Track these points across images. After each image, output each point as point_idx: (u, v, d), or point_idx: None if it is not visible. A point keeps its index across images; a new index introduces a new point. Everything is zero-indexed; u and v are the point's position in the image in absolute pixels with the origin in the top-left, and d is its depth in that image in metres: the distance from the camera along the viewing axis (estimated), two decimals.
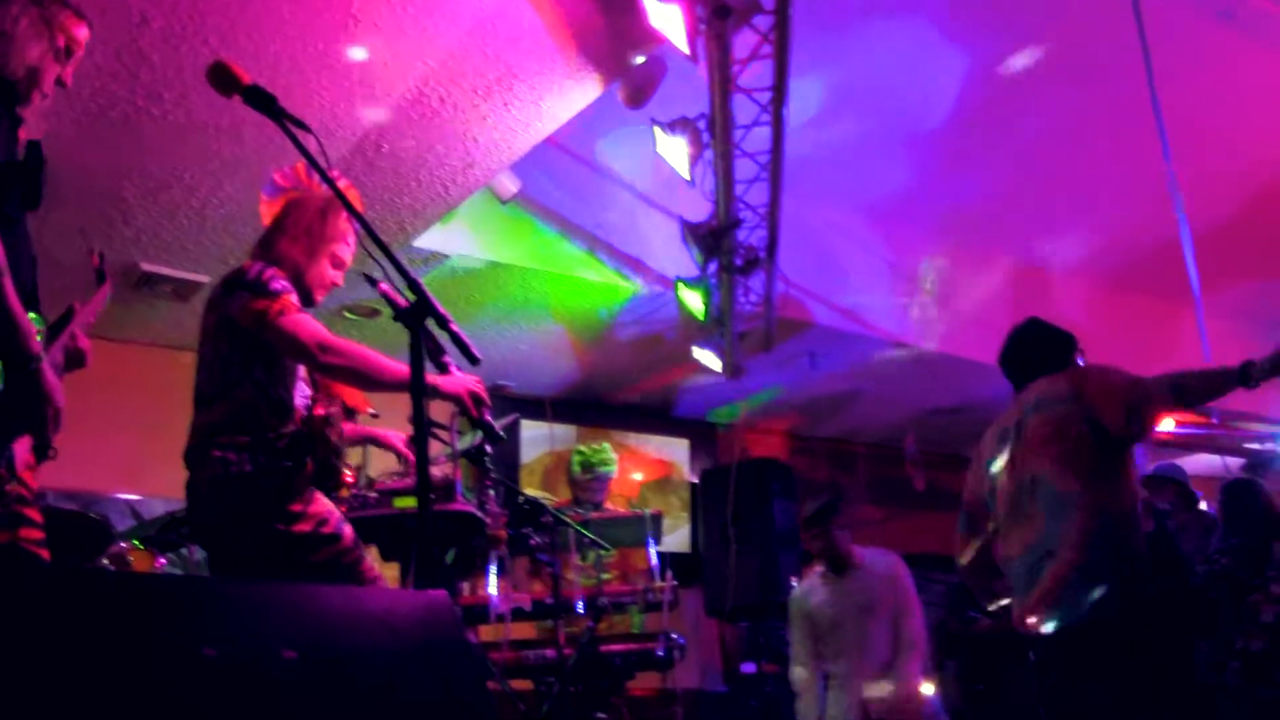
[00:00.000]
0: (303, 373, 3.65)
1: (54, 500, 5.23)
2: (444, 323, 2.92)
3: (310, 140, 2.91)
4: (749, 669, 8.87)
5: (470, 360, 3.01)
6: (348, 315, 7.59)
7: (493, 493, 5.35)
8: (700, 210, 6.88)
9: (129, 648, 1.85)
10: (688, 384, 9.65)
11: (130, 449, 7.02)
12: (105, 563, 5.15)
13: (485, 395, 3.59)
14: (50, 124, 3.17)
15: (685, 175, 6.36)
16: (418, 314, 2.89)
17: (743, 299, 7.63)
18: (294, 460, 3.45)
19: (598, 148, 7.48)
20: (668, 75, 6.12)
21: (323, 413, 3.49)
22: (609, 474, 7.12)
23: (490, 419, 3.66)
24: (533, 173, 6.93)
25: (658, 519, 6.38)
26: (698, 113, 6.08)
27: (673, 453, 10.66)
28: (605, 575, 6.37)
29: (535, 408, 9.47)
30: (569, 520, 5.59)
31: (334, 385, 3.71)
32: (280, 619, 2.07)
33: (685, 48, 5.17)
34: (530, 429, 9.58)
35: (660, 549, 6.60)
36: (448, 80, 5.47)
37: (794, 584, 7.76)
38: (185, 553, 5.52)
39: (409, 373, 3.34)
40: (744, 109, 6.11)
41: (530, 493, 6.68)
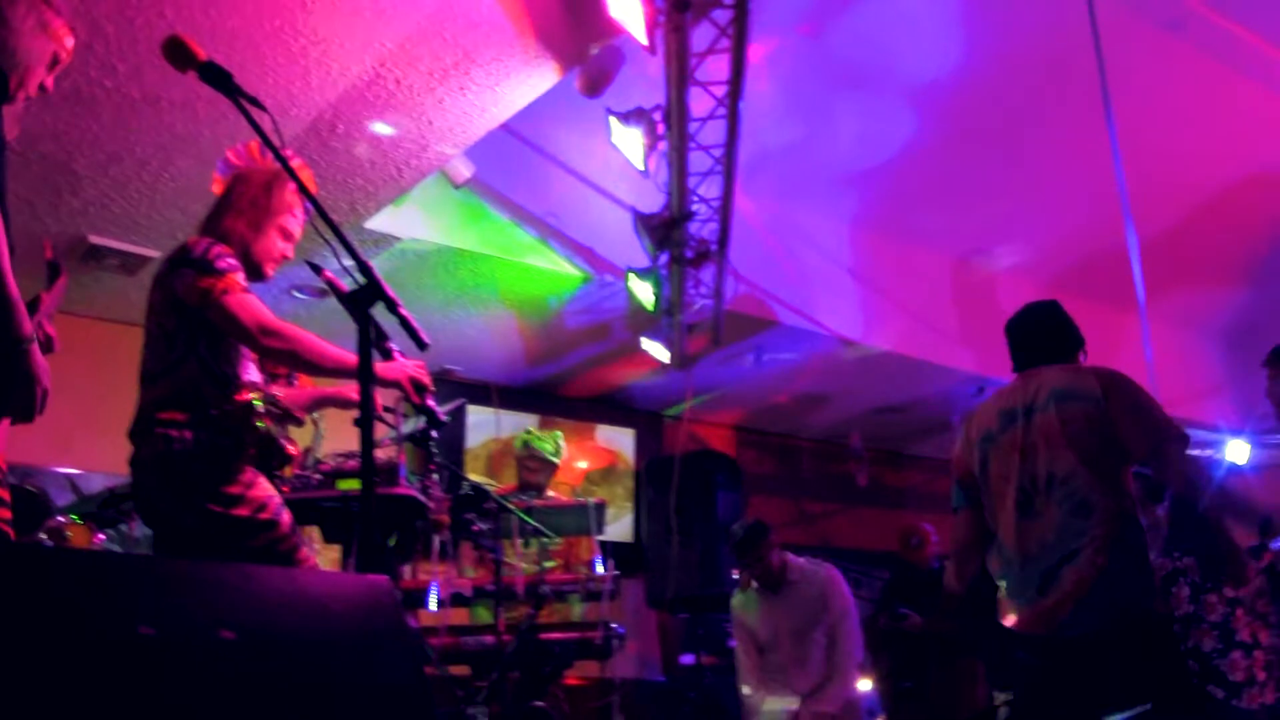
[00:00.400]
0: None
1: None
2: (393, 306, 2.92)
3: (265, 118, 2.90)
4: (688, 660, 8.91)
5: (418, 345, 3.00)
6: (296, 295, 7.55)
7: (436, 477, 5.34)
8: (653, 201, 6.89)
9: (65, 624, 1.83)
10: (635, 374, 9.66)
11: (71, 422, 6.93)
12: (42, 537, 5.11)
13: (428, 380, 3.59)
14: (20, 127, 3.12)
15: (639, 166, 6.37)
16: (366, 297, 2.88)
17: (693, 291, 7.64)
18: (233, 439, 3.43)
19: (552, 136, 7.48)
20: (625, 66, 6.13)
21: (246, 399, 3.46)
22: (545, 457, 7.09)
23: (433, 404, 3.65)
24: (487, 158, 6.91)
25: (601, 508, 6.38)
26: (654, 104, 6.09)
27: (618, 442, 10.68)
28: (549, 563, 6.38)
29: (481, 393, 9.45)
30: (512, 507, 5.59)
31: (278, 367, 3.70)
32: (220, 599, 2.06)
33: (644, 39, 5.17)
34: (476, 414, 9.57)
35: (603, 538, 6.62)
36: (404, 63, 5.45)
37: (734, 577, 7.82)
38: (124, 528, 5.49)
39: (349, 360, 3.35)
40: (700, 102, 6.12)
41: (474, 479, 6.66)
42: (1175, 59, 7.79)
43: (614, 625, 5.81)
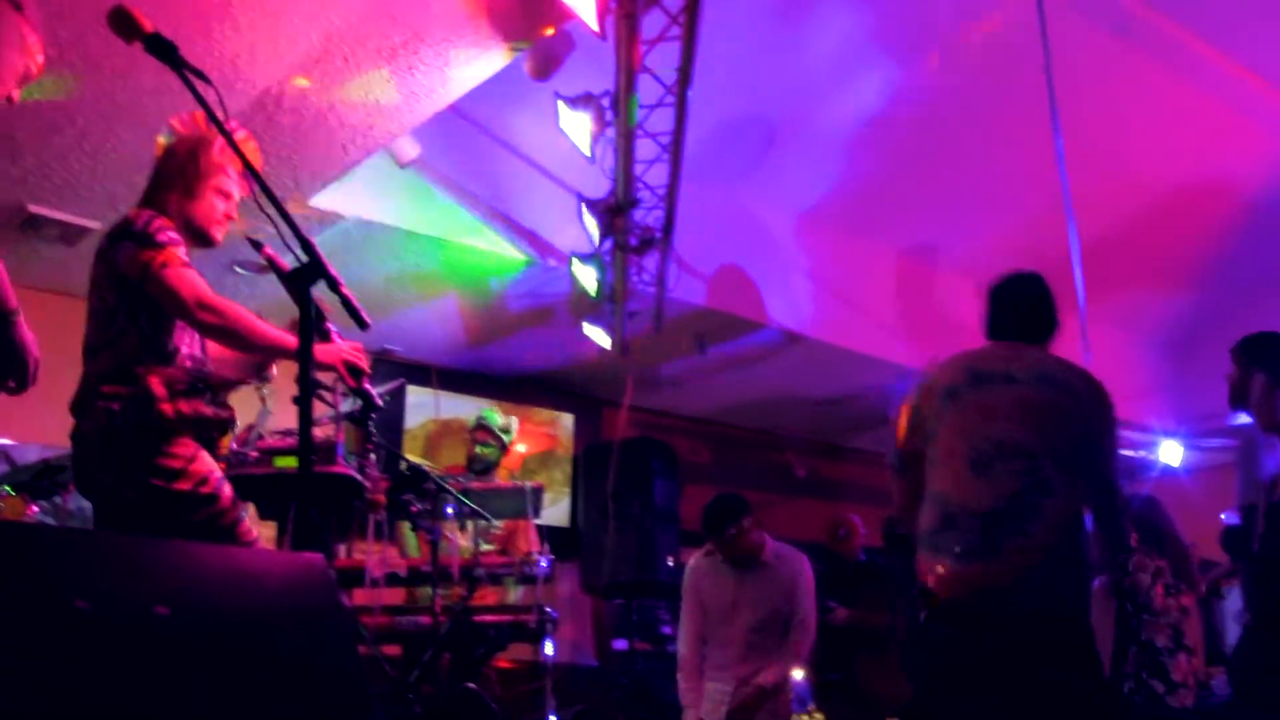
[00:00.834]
0: None
1: None
2: (335, 285, 2.91)
3: (209, 92, 2.88)
4: (621, 646, 8.93)
5: (359, 325, 3.00)
6: (237, 270, 7.49)
7: (374, 457, 5.33)
8: (599, 187, 6.89)
9: None
10: (576, 359, 9.66)
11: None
12: None
13: (365, 364, 3.57)
14: None
15: (586, 151, 6.37)
16: (308, 276, 2.87)
17: (636, 278, 7.65)
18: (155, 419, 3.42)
19: (500, 118, 7.46)
20: (575, 51, 6.13)
21: (158, 382, 3.44)
22: (495, 430, 7.09)
23: (369, 387, 3.64)
24: (434, 139, 6.89)
25: (539, 492, 6.39)
26: (603, 90, 6.09)
27: (557, 427, 10.69)
28: (486, 546, 6.38)
29: (421, 374, 9.43)
30: (450, 489, 5.59)
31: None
32: (155, 575, 2.06)
33: (595, 25, 5.16)
34: (415, 395, 9.55)
35: (539, 522, 6.63)
36: (353, 40, 5.41)
37: (669, 564, 7.84)
38: (59, 500, 5.44)
39: (286, 340, 3.34)
40: (649, 89, 6.12)
41: (412, 459, 6.65)
42: (1122, 64, 7.88)
43: (548, 609, 5.83)
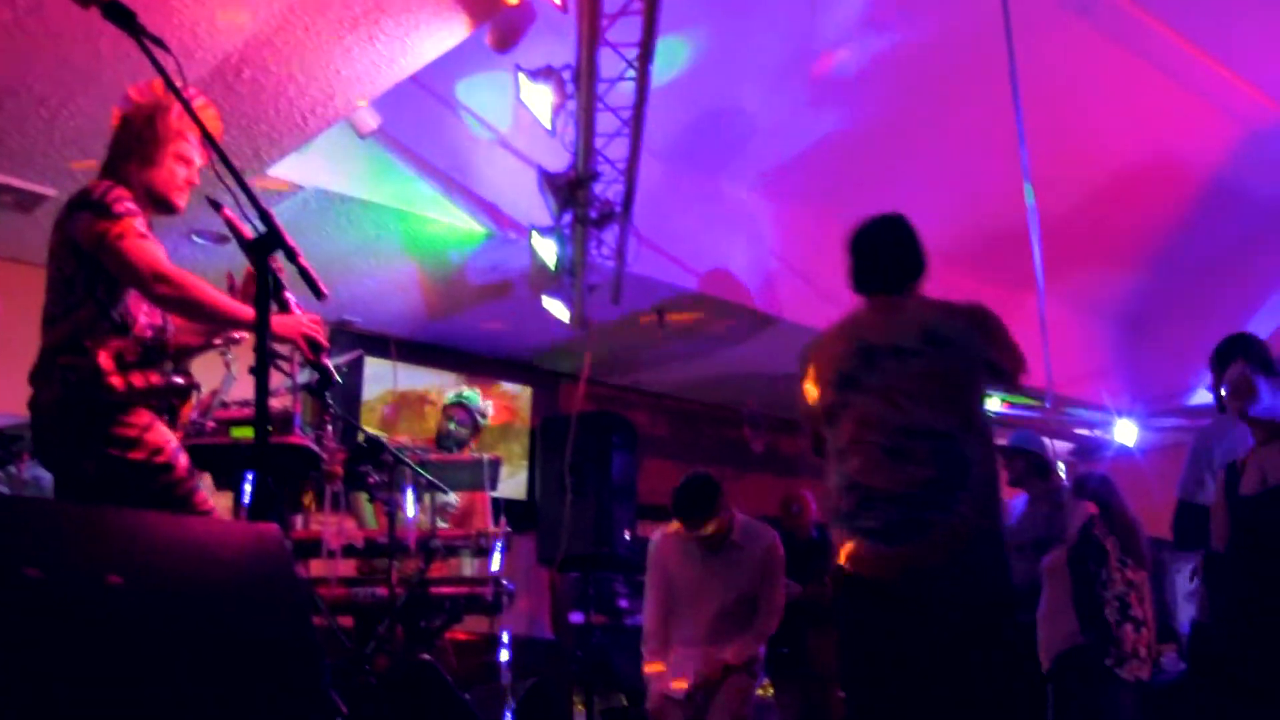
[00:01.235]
0: None
1: None
2: (293, 255, 2.91)
3: (168, 59, 2.87)
4: (577, 619, 8.95)
5: (317, 296, 3.00)
6: (195, 240, 7.45)
7: (331, 428, 5.33)
8: (559, 160, 6.89)
9: None
10: (535, 332, 9.65)
11: None
12: None
13: (322, 337, 3.56)
14: None
15: (546, 124, 6.37)
16: (267, 245, 2.86)
17: (595, 252, 7.65)
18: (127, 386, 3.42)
19: (460, 90, 7.44)
20: (536, 23, 6.11)
21: (106, 355, 3.43)
22: (472, 410, 7.11)
23: (327, 361, 3.63)
24: (394, 110, 6.86)
25: (496, 464, 6.39)
26: (564, 63, 6.08)
27: (515, 399, 10.69)
28: (443, 524, 6.37)
29: (380, 345, 9.40)
30: (407, 460, 5.58)
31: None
32: (108, 544, 2.06)
33: None
34: (374, 366, 9.51)
35: (496, 494, 6.63)
36: (314, 9, 5.38)
37: (626, 538, 7.85)
38: (13, 469, 5.40)
39: (243, 312, 3.33)
40: (610, 63, 6.12)
41: (370, 431, 6.64)
42: (1084, 44, 7.92)
43: (504, 581, 5.83)
